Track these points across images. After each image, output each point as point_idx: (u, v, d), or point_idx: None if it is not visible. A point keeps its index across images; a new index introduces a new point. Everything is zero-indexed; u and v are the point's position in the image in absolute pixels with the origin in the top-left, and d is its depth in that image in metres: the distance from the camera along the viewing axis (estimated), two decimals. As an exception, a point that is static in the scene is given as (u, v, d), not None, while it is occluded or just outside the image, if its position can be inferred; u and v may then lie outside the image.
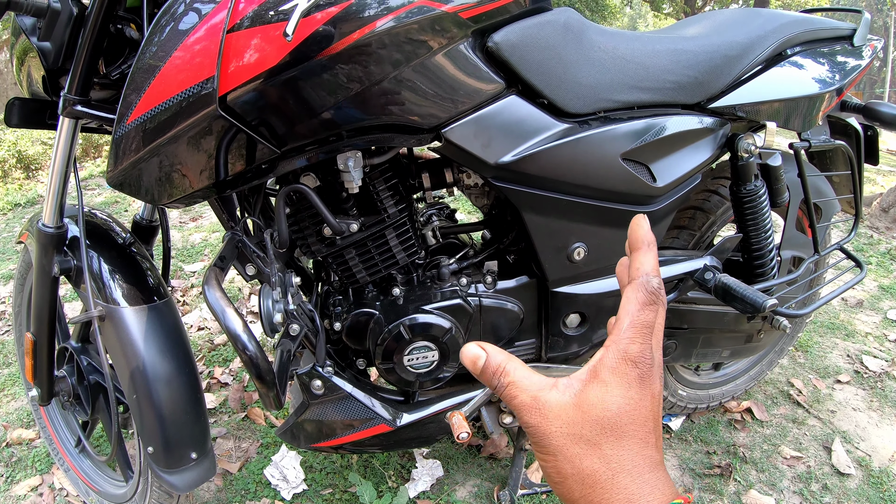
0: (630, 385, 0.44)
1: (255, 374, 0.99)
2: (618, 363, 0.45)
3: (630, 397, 0.44)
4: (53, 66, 1.08)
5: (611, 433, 0.44)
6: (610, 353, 0.45)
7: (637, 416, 0.44)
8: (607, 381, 0.45)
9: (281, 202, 1.09)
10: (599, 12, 18.11)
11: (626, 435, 0.44)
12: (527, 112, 1.09)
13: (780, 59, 1.44)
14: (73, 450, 1.73)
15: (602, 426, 0.44)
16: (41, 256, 1.27)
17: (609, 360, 0.45)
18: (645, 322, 0.45)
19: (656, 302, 0.46)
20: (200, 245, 3.42)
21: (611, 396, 0.44)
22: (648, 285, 0.46)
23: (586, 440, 0.44)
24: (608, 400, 0.44)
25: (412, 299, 1.23)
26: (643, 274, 0.46)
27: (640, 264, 0.47)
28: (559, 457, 0.45)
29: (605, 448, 0.44)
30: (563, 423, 0.44)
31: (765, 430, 1.99)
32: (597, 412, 0.44)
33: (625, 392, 0.44)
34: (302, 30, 0.88)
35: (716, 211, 1.59)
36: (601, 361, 0.45)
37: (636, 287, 0.46)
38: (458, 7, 0.96)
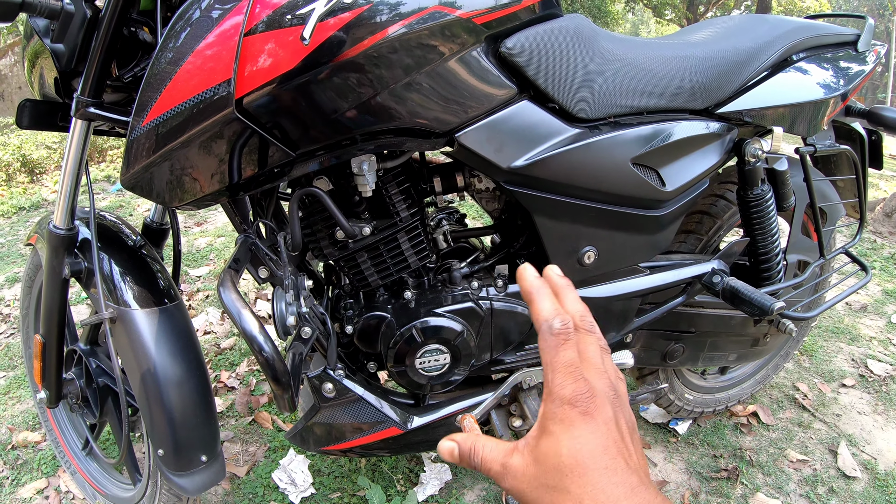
0: (573, 425, 0.46)
1: (272, 376, 1.00)
2: (556, 410, 0.46)
3: (576, 436, 0.46)
4: (66, 69, 1.08)
5: (572, 474, 0.45)
6: (548, 405, 0.47)
7: (593, 450, 0.45)
8: (553, 430, 0.46)
9: (294, 205, 1.10)
10: (602, 18, 18.17)
11: (588, 470, 0.45)
12: (539, 117, 1.10)
13: (785, 65, 1.45)
14: (80, 452, 1.73)
15: (561, 472, 0.45)
16: (52, 258, 1.27)
17: (548, 411, 0.47)
18: (566, 362, 0.47)
19: (568, 338, 0.47)
20: (206, 250, 3.43)
21: (560, 443, 0.46)
22: (551, 330, 0.47)
23: (553, 487, 0.46)
24: (558, 447, 0.46)
25: (424, 302, 1.24)
26: (543, 321, 0.48)
27: (536, 314, 0.49)
28: None
29: (573, 489, 0.45)
30: (530, 479, 0.47)
31: (771, 434, 1.99)
32: (552, 461, 0.46)
33: (570, 433, 0.46)
34: (317, 35, 0.89)
35: (723, 215, 1.59)
36: (544, 415, 0.47)
37: (542, 337, 0.48)
38: (472, 13, 0.97)
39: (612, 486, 0.45)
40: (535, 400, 1.28)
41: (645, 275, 1.34)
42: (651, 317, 1.39)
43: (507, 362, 1.34)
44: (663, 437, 1.96)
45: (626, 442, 0.47)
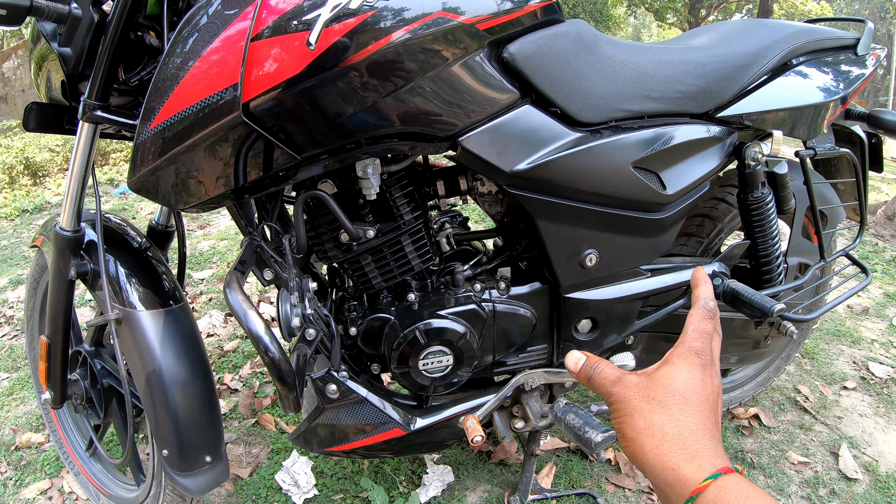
0: (692, 367, 0.59)
1: (277, 376, 1.01)
2: (684, 352, 0.60)
3: (693, 375, 0.58)
4: (73, 72, 1.10)
5: (679, 398, 0.57)
6: (678, 347, 0.61)
7: (699, 392, 0.57)
8: (675, 363, 0.60)
9: (299, 208, 1.11)
10: (604, 22, 18.20)
11: (690, 402, 0.56)
12: (541, 121, 1.11)
13: (785, 69, 1.46)
14: (84, 453, 1.74)
15: (670, 391, 0.57)
16: (58, 260, 1.28)
17: (678, 350, 0.61)
18: (704, 329, 0.62)
19: (712, 317, 0.63)
20: (209, 252, 3.44)
21: (677, 372, 0.59)
22: (706, 305, 0.64)
23: (657, 401, 0.57)
24: (675, 374, 0.58)
25: (427, 305, 1.25)
26: (702, 298, 0.65)
27: (699, 293, 0.66)
28: (634, 414, 0.57)
29: (673, 409, 0.56)
30: (639, 390, 0.59)
31: (772, 436, 2.00)
32: (666, 381, 0.58)
33: (688, 371, 0.58)
34: (323, 40, 0.90)
35: (723, 218, 1.60)
36: (672, 352, 0.61)
37: (698, 307, 0.64)
38: (475, 19, 0.98)
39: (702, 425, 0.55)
40: (536, 401, 1.30)
41: (646, 277, 1.35)
42: (652, 319, 1.40)
43: (509, 364, 1.35)
44: (664, 440, 1.96)
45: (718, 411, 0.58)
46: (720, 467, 0.51)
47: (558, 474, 1.79)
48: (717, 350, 0.62)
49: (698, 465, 0.52)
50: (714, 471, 0.51)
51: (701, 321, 0.63)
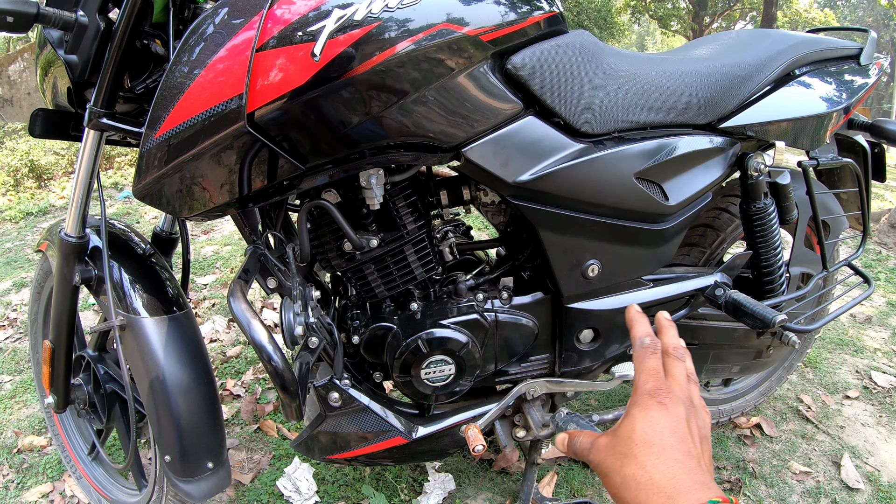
0: (648, 411, 0.61)
1: (280, 385, 1.01)
2: (638, 399, 0.62)
3: (650, 417, 0.60)
4: (80, 79, 1.10)
5: (641, 445, 0.58)
6: (633, 396, 0.63)
7: (661, 430, 0.59)
8: (632, 414, 0.62)
9: (303, 217, 1.11)
10: (608, 30, 18.26)
11: (654, 445, 0.58)
12: (544, 132, 1.12)
13: (788, 80, 1.47)
14: (86, 457, 1.75)
15: (633, 442, 0.59)
16: (62, 265, 1.29)
17: (633, 400, 0.63)
18: (651, 368, 0.64)
19: (655, 351, 0.66)
20: (212, 258, 3.44)
21: (635, 422, 0.61)
22: (642, 344, 0.67)
23: (624, 454, 0.59)
24: (633, 425, 0.60)
25: (429, 314, 1.25)
26: (637, 338, 0.68)
27: (635, 334, 0.69)
28: (610, 473, 0.60)
29: (640, 457, 0.58)
30: (608, 449, 0.62)
31: (774, 446, 2.00)
32: (626, 434, 0.60)
33: (644, 416, 0.60)
34: (328, 51, 0.90)
35: (726, 228, 1.61)
36: (629, 404, 0.63)
37: (635, 349, 0.68)
38: (479, 30, 0.99)
39: (673, 462, 0.57)
40: (538, 410, 1.30)
41: (648, 287, 1.35)
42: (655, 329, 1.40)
43: (511, 373, 1.35)
44: (666, 448, 1.95)
45: (693, 438, 0.59)
46: (702, 502, 0.52)
47: (560, 483, 1.79)
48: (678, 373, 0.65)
49: None
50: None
51: (644, 361, 0.65)
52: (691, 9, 23.84)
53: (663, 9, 23.97)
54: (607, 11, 18.39)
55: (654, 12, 24.01)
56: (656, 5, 23.65)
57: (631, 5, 23.34)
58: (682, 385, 0.64)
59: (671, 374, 0.65)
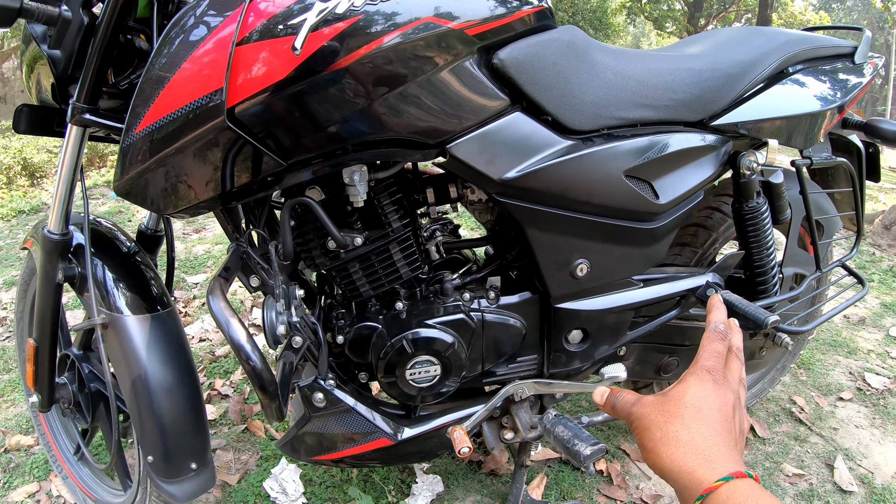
0: (703, 382, 0.65)
1: (258, 385, 1.00)
2: (696, 370, 0.67)
3: (704, 389, 0.65)
4: (63, 75, 1.09)
5: (691, 408, 0.63)
6: (692, 367, 0.68)
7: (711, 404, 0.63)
8: (687, 381, 0.66)
9: (286, 215, 1.09)
10: (603, 30, 18.33)
11: (702, 412, 0.62)
12: (531, 129, 1.10)
13: (782, 77, 1.45)
14: (72, 457, 1.73)
15: (683, 403, 0.64)
16: (45, 263, 1.27)
17: (691, 370, 0.68)
18: (716, 350, 0.70)
19: (723, 339, 0.71)
20: (203, 257, 3.42)
21: (690, 388, 0.65)
22: (716, 328, 0.73)
23: (671, 412, 0.63)
24: (686, 390, 0.65)
25: (415, 314, 1.23)
26: (713, 322, 0.74)
27: (712, 318, 0.76)
28: (652, 427, 0.64)
29: (686, 418, 0.62)
30: (655, 406, 0.66)
31: (767, 448, 1.98)
32: (678, 396, 0.65)
33: (700, 386, 0.65)
34: (310, 44, 0.89)
35: (718, 228, 1.59)
36: (686, 373, 0.68)
37: (710, 330, 0.73)
38: (465, 24, 0.97)
39: (715, 433, 0.60)
40: (526, 412, 1.28)
41: (638, 287, 1.33)
42: (645, 329, 1.38)
43: (498, 374, 1.33)
44: (658, 450, 1.94)
45: (735, 424, 0.63)
46: (733, 471, 0.56)
47: (549, 485, 1.77)
48: (735, 368, 0.70)
49: (711, 469, 0.57)
50: (726, 474, 0.56)
51: (712, 343, 0.71)
52: (686, 10, 23.93)
53: (658, 10, 24.07)
54: (602, 12, 18.44)
55: (649, 14, 24.11)
56: (652, 7, 23.75)
57: (626, 6, 23.45)
58: (736, 380, 0.68)
59: (729, 368, 0.69)
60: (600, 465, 1.85)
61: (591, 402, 2.13)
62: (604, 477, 1.83)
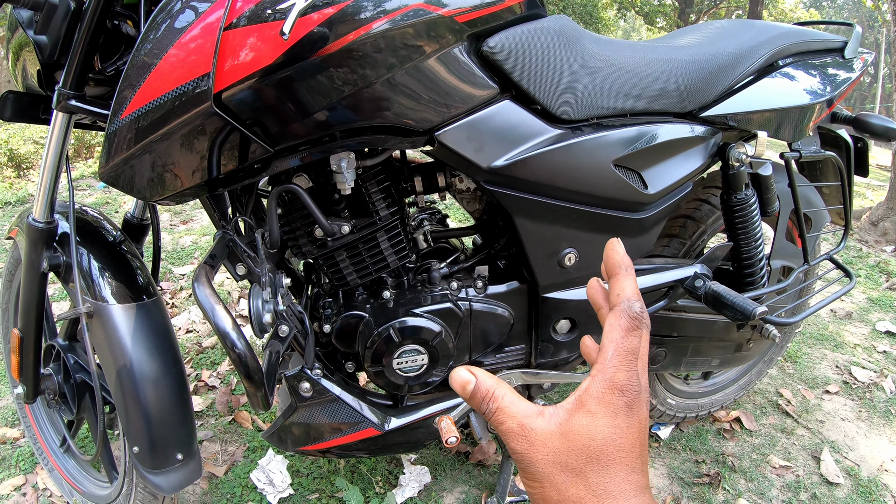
0: (617, 413, 0.44)
1: (244, 373, 0.99)
2: (604, 392, 0.44)
3: (617, 426, 0.44)
4: (49, 60, 1.08)
5: (596, 462, 0.43)
6: (596, 383, 0.45)
7: (624, 444, 0.44)
8: (594, 410, 0.44)
9: (273, 202, 1.09)
10: (593, 24, 18.34)
11: (612, 463, 0.43)
12: (520, 117, 1.09)
13: (771, 70, 1.45)
14: (58, 449, 1.71)
15: (588, 455, 0.43)
16: (30, 251, 1.26)
17: (595, 390, 0.45)
18: (630, 348, 0.45)
19: (640, 327, 0.45)
20: (191, 248, 3.40)
21: (598, 426, 0.44)
22: (631, 311, 0.45)
23: (571, 469, 0.43)
24: (595, 429, 0.44)
25: (402, 303, 1.23)
26: (624, 299, 0.46)
27: (619, 290, 0.47)
28: (545, 484, 0.44)
29: (591, 476, 0.43)
30: (549, 452, 0.44)
31: (753, 440, 1.99)
32: (583, 441, 0.44)
33: (612, 421, 0.44)
34: (298, 29, 0.88)
35: (706, 220, 1.59)
36: (587, 391, 0.45)
37: (618, 314, 0.46)
38: (454, 11, 0.96)
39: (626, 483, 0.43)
40: (514, 402, 1.28)
41: (626, 278, 1.33)
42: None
43: (486, 364, 1.33)
44: (645, 442, 1.95)
45: (646, 445, 0.46)
46: None
47: (538, 476, 1.77)
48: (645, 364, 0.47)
49: None
50: None
51: (625, 337, 0.45)
52: (677, 6, 23.98)
53: (649, 5, 24.08)
54: (593, 6, 18.44)
55: (639, 8, 24.12)
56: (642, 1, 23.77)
57: (617, 1, 23.44)
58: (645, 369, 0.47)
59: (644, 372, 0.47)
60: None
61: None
62: (591, 468, 1.83)
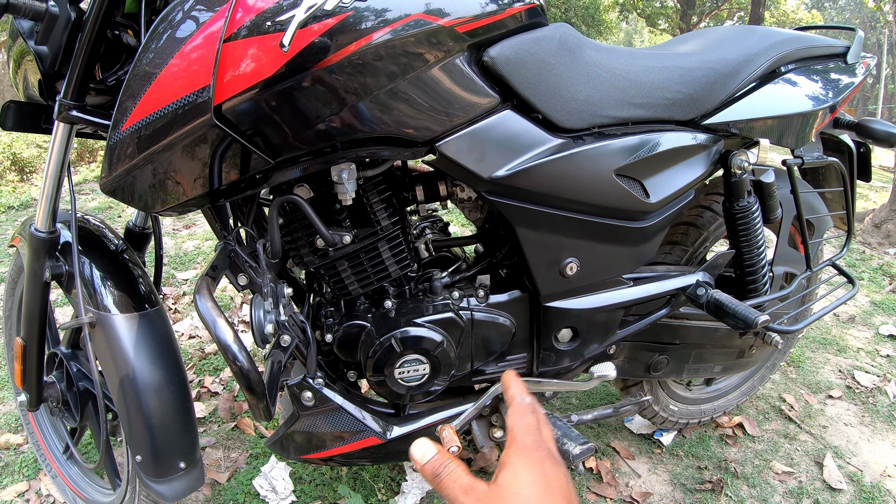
0: (533, 466, 0.57)
1: (245, 385, 0.99)
2: (520, 450, 0.59)
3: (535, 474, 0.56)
4: (50, 71, 1.08)
5: None
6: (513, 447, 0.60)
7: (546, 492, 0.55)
8: (514, 466, 0.58)
9: (274, 212, 1.09)
10: (595, 27, 18.39)
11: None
12: (521, 127, 1.09)
13: (774, 77, 1.45)
14: (61, 456, 1.72)
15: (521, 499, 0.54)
16: (33, 261, 1.26)
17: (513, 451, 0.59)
18: (528, 424, 0.63)
19: (532, 411, 0.65)
20: (193, 253, 3.40)
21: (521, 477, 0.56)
22: (523, 402, 0.67)
23: None
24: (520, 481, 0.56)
25: (404, 312, 1.23)
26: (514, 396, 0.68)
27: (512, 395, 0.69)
28: None
29: None
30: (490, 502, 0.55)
31: (756, 446, 1.99)
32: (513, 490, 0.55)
33: (530, 471, 0.57)
34: (298, 41, 0.88)
35: (709, 227, 1.59)
36: (507, 454, 0.59)
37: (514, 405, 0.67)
38: (455, 21, 0.96)
39: None
40: (516, 411, 1.28)
41: (628, 286, 1.33)
42: (635, 328, 1.38)
43: (488, 373, 1.33)
44: (647, 448, 1.95)
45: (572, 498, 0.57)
46: None
47: (540, 482, 1.77)
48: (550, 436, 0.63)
49: None
50: None
51: (523, 417, 0.64)
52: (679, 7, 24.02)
53: (651, 7, 24.17)
54: (595, 9, 18.51)
55: (641, 10, 24.22)
56: (644, 3, 23.86)
57: (619, 3, 23.55)
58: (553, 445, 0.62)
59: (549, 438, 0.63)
60: (590, 462, 1.85)
61: (581, 399, 2.13)
62: (593, 474, 1.83)
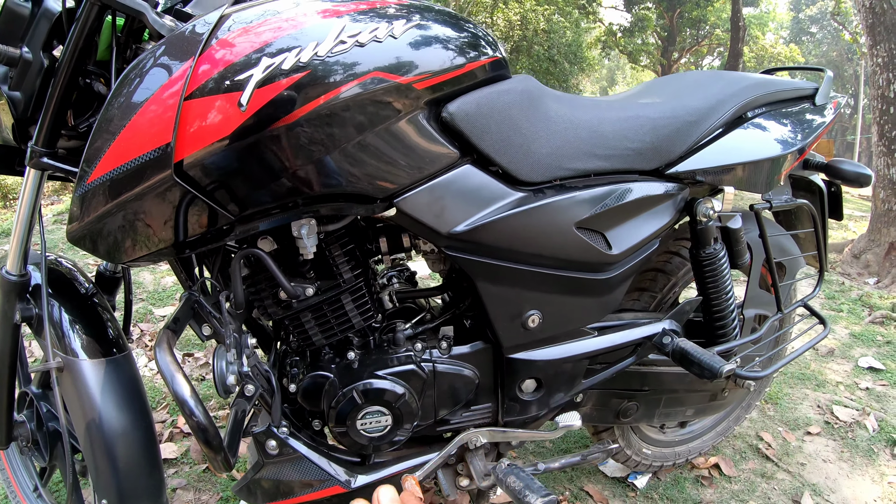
0: None
1: (203, 440, 0.99)
2: None
3: None
4: (23, 116, 1.09)
5: None
6: None
7: None
8: None
9: (237, 265, 1.09)
10: (578, 64, 18.72)
11: None
12: (481, 181, 1.10)
13: (741, 122, 1.46)
14: (31, 494, 1.70)
15: None
16: (3, 304, 1.26)
17: None
18: None
19: None
20: (173, 289, 3.38)
21: None
22: None
23: None
24: None
25: (367, 363, 1.23)
26: None
27: None
28: None
29: None
30: None
31: (733, 486, 1.98)
32: None
33: None
34: (256, 100, 0.89)
35: (677, 272, 1.59)
36: None
37: None
38: (413, 78, 0.98)
39: None
40: (481, 460, 1.28)
41: (593, 336, 1.33)
42: (601, 377, 1.38)
43: (453, 422, 1.33)
44: (622, 492, 1.93)
45: None
46: None
47: (514, 525, 1.76)
48: None
49: None
50: None
51: None
52: (660, 44, 24.52)
53: (633, 44, 24.74)
54: (578, 46, 18.87)
55: (623, 47, 24.75)
56: (626, 41, 24.39)
57: (601, 40, 24.11)
58: None
59: None
60: (561, 509, 1.84)
61: (555, 441, 2.12)
62: (566, 519, 1.81)
